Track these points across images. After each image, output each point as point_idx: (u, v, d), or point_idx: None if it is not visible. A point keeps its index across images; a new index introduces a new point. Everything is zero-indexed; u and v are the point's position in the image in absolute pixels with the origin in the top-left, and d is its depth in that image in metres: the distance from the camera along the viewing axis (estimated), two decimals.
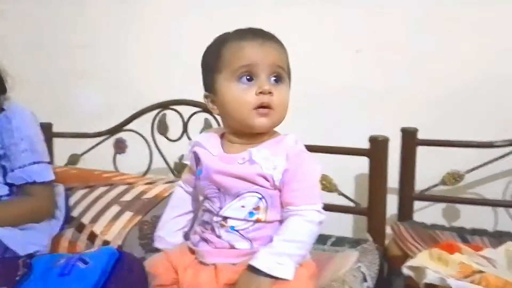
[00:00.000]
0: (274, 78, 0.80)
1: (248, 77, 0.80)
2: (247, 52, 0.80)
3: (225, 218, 0.81)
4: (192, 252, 0.85)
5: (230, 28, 0.85)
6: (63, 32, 1.86)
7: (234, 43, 0.82)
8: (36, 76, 1.91)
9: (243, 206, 0.80)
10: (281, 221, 0.81)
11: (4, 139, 1.05)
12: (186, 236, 0.92)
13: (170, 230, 0.93)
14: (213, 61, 0.83)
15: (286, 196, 0.79)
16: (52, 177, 1.09)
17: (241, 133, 0.84)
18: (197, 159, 0.87)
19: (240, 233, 0.80)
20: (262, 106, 0.79)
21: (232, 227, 0.80)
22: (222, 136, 0.88)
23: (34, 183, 1.05)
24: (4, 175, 1.05)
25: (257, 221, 0.80)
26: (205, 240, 0.83)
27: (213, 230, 0.82)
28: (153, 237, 0.95)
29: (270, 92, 0.78)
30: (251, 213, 0.80)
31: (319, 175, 0.84)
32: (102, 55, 1.81)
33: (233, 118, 0.82)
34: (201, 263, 0.83)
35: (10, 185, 1.06)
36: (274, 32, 0.87)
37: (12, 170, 1.04)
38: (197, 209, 0.92)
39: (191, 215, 0.94)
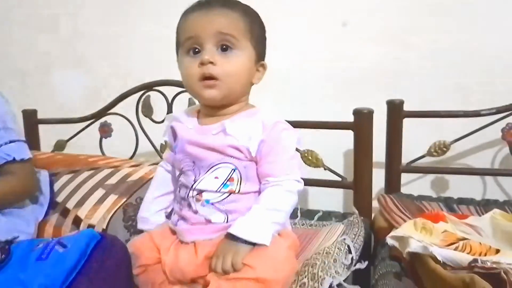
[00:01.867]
0: (221, 47, 0.78)
1: (196, 49, 0.79)
2: (189, 24, 0.79)
3: (200, 192, 0.81)
4: (174, 232, 0.85)
5: None
6: (46, 17, 1.83)
7: (183, 16, 0.82)
8: (18, 62, 1.89)
9: (216, 178, 0.80)
10: (256, 193, 0.81)
11: None
12: (169, 216, 0.92)
13: (153, 210, 0.93)
14: (176, 38, 0.84)
15: (264, 168, 0.79)
16: (29, 155, 1.08)
17: (212, 106, 0.83)
18: (174, 134, 0.87)
19: (215, 206, 0.80)
20: (206, 78, 0.78)
21: (207, 201, 0.80)
22: (199, 111, 0.88)
23: (14, 161, 1.03)
24: None
25: (231, 192, 0.80)
26: (183, 218, 0.83)
27: (189, 206, 0.82)
28: (137, 219, 0.95)
29: (211, 62, 0.77)
30: (224, 185, 0.80)
31: (296, 144, 0.83)
32: (85, 40, 1.78)
33: (188, 91, 0.84)
34: (182, 242, 0.83)
35: None
36: (256, 6, 0.85)
37: None
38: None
39: (173, 195, 0.94)
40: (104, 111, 1.54)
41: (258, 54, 0.84)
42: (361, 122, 1.18)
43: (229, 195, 0.80)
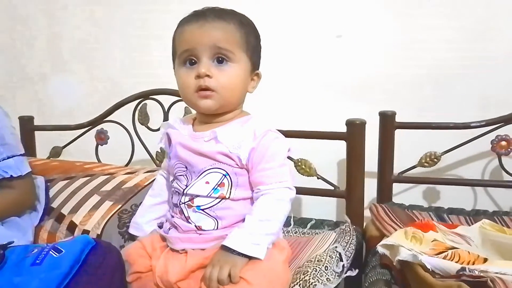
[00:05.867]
0: (217, 59, 0.80)
1: (192, 61, 0.81)
2: (186, 36, 0.81)
3: (191, 198, 0.82)
4: (164, 239, 0.86)
5: None
6: (42, 24, 1.84)
7: (179, 28, 0.84)
8: (15, 70, 1.90)
9: (207, 182, 0.81)
10: (247, 200, 0.82)
11: None
12: (161, 225, 0.93)
13: (148, 218, 0.94)
14: (172, 47, 0.85)
15: (255, 177, 0.80)
16: (28, 169, 1.08)
17: (207, 114, 0.85)
18: (169, 140, 0.89)
19: (205, 212, 0.81)
20: (202, 89, 0.80)
21: (198, 207, 0.82)
22: (195, 119, 0.90)
23: (11, 177, 1.04)
24: None
25: (222, 198, 0.81)
26: (175, 226, 0.84)
27: (181, 212, 0.83)
28: (130, 223, 0.96)
29: (207, 75, 0.79)
30: (215, 189, 0.81)
31: (287, 153, 0.84)
32: (83, 46, 1.81)
33: (185, 101, 0.86)
34: (172, 250, 0.84)
35: None
36: (251, 16, 0.87)
37: None
38: None
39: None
40: (100, 119, 1.56)
41: (253, 64, 0.85)
42: (353, 133, 1.20)
43: (220, 201, 0.81)
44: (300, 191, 1.28)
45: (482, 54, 1.38)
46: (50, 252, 0.77)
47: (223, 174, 0.81)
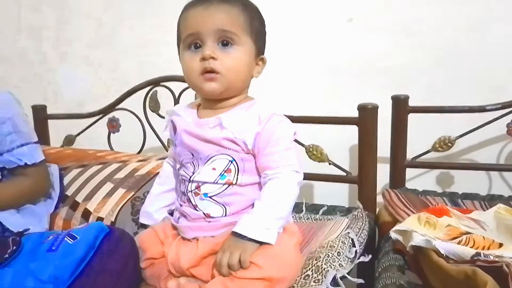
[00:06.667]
0: (222, 43, 0.80)
1: (197, 45, 0.80)
2: (190, 20, 0.80)
3: (198, 186, 0.82)
4: (175, 228, 0.87)
5: None
6: (49, 16, 1.85)
7: (183, 12, 0.83)
8: (28, 59, 1.92)
9: (214, 169, 0.81)
10: (254, 185, 0.82)
11: None
12: (171, 213, 0.93)
13: (158, 206, 0.95)
14: (177, 33, 0.85)
15: (262, 161, 0.80)
16: (42, 157, 1.09)
17: (211, 99, 0.84)
18: (174, 128, 0.89)
19: (213, 199, 0.81)
20: (207, 71, 0.79)
21: (206, 194, 0.82)
22: (199, 105, 0.89)
23: (25, 165, 1.05)
24: None
25: (229, 184, 0.81)
26: (184, 215, 0.85)
27: (189, 201, 0.83)
28: (140, 213, 0.97)
29: (212, 57, 0.78)
30: (222, 175, 0.81)
31: (292, 136, 0.84)
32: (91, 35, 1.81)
33: (189, 85, 0.85)
34: (184, 238, 0.84)
35: (1, 170, 1.05)
36: (261, 1, 0.85)
37: (1, 154, 1.03)
38: None
39: None
40: (112, 107, 1.56)
41: (258, 49, 0.85)
42: (365, 118, 1.18)
43: (227, 187, 0.81)
44: (312, 177, 1.28)
45: (496, 35, 1.35)
46: (65, 238, 0.78)
47: (230, 160, 0.81)
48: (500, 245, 0.83)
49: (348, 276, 0.84)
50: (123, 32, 1.76)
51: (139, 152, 1.52)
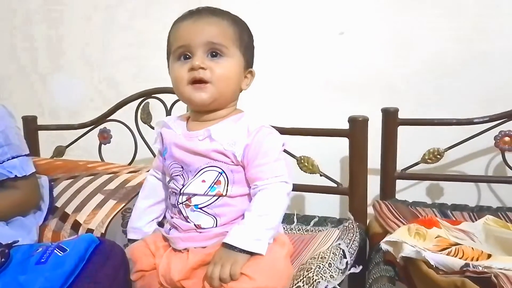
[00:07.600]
0: (211, 54, 0.81)
1: (186, 56, 0.82)
2: (180, 33, 0.82)
3: (188, 198, 0.82)
4: (166, 239, 0.87)
5: None
6: (44, 26, 1.85)
7: (174, 26, 0.85)
8: (18, 70, 1.91)
9: (203, 181, 0.81)
10: (244, 196, 0.82)
11: None
12: (161, 224, 0.93)
13: (146, 220, 0.94)
14: (167, 46, 0.86)
15: (251, 173, 0.81)
16: (32, 169, 1.09)
17: (201, 111, 0.85)
18: (162, 140, 0.89)
19: (203, 211, 0.82)
20: (195, 81, 0.80)
21: (196, 206, 0.82)
22: (189, 117, 0.90)
23: (16, 177, 1.05)
24: None
25: (219, 195, 0.81)
26: (175, 227, 0.84)
27: (180, 212, 0.83)
28: (127, 229, 0.96)
29: (202, 68, 0.79)
30: (212, 187, 0.81)
31: (281, 147, 0.84)
32: (82, 46, 1.81)
33: (178, 96, 0.85)
34: (175, 250, 0.84)
35: None
36: (254, 13, 0.87)
37: None
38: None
39: (164, 203, 0.95)
40: (103, 118, 1.56)
41: (247, 61, 0.86)
42: (356, 130, 1.19)
43: (217, 198, 0.82)
44: (303, 188, 1.28)
45: (484, 49, 1.37)
46: (55, 251, 0.77)
47: (219, 172, 0.81)
48: (489, 256, 0.84)
49: None
50: (116, 43, 1.76)
51: (130, 164, 1.52)
